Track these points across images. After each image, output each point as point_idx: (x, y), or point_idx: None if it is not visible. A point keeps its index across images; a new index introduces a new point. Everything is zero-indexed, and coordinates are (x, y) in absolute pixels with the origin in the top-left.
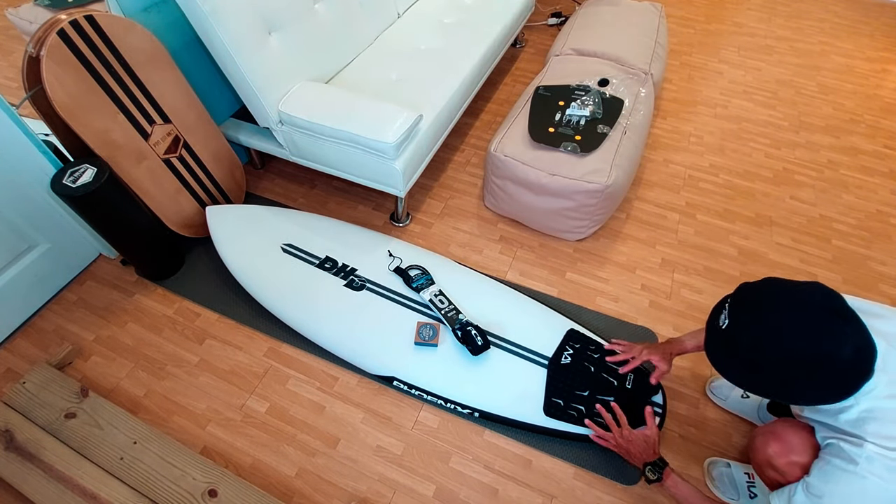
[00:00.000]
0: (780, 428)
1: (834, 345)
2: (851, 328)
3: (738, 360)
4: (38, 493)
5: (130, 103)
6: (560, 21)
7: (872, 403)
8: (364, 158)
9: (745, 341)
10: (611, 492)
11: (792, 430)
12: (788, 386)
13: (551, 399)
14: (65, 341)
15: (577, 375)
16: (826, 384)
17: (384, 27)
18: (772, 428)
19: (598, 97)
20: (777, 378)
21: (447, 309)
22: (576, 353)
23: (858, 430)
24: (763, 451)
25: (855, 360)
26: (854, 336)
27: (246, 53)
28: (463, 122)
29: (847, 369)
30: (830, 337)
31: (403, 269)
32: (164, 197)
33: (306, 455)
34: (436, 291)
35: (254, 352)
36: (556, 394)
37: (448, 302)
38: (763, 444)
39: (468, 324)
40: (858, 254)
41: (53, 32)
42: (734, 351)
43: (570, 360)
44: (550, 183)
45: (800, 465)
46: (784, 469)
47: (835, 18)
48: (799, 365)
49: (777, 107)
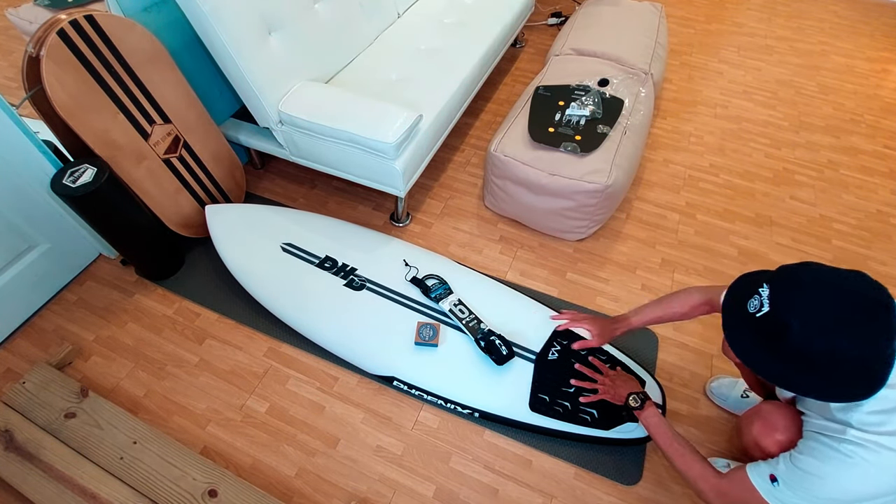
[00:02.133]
0: (764, 409)
1: (885, 345)
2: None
3: (774, 347)
4: (38, 492)
5: (130, 103)
6: (560, 21)
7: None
8: (364, 158)
9: (794, 331)
10: (611, 492)
11: (777, 411)
12: (825, 380)
13: (537, 395)
14: (65, 341)
15: (564, 371)
16: (860, 383)
17: (384, 27)
18: (756, 409)
19: (598, 97)
20: (816, 372)
21: (468, 318)
22: (563, 350)
23: (845, 416)
24: (748, 431)
25: (890, 358)
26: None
27: (246, 53)
28: (463, 122)
29: (884, 369)
30: (885, 337)
31: (420, 279)
32: (164, 197)
33: (306, 455)
34: (455, 301)
35: (254, 352)
36: (543, 389)
37: (468, 311)
38: (748, 424)
39: (491, 333)
40: (858, 254)
41: (53, 32)
42: (773, 338)
43: (557, 357)
44: (550, 183)
45: (784, 444)
46: (769, 448)
47: (835, 18)
48: (843, 362)
49: (777, 107)
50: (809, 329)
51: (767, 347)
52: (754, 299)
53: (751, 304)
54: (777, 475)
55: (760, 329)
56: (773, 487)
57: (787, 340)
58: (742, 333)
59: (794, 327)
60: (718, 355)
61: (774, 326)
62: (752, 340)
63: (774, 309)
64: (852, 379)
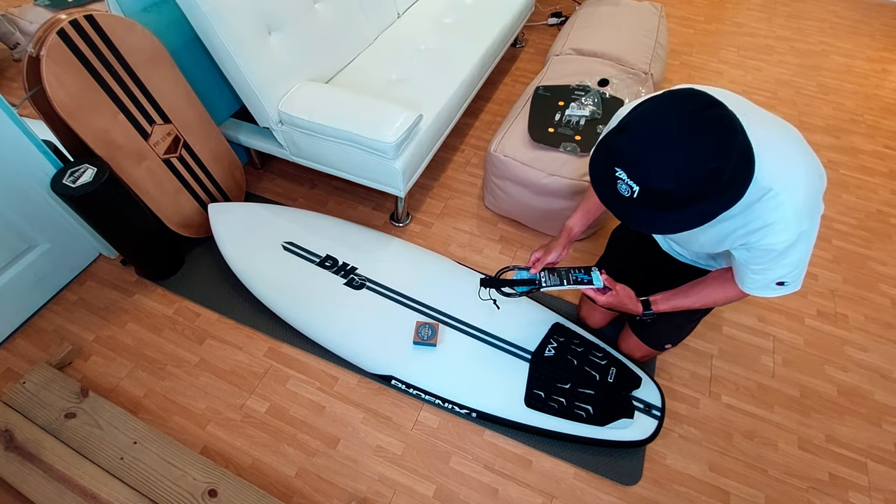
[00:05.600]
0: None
1: (736, 129)
2: (723, 117)
3: (666, 206)
4: (38, 492)
5: (130, 103)
6: (560, 21)
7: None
8: (364, 158)
9: (670, 187)
10: (611, 492)
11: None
12: (724, 191)
13: (532, 391)
14: (65, 341)
15: (560, 368)
16: (746, 169)
17: (384, 27)
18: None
19: (597, 97)
20: (714, 194)
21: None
22: (560, 347)
23: (753, 195)
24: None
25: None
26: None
27: (246, 53)
28: (463, 122)
29: (749, 148)
30: (731, 126)
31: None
32: (164, 197)
33: (306, 455)
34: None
35: (254, 352)
36: (538, 385)
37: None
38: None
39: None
40: (858, 254)
41: (53, 32)
42: (661, 201)
43: (553, 353)
44: (550, 183)
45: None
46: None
47: (835, 18)
48: (724, 170)
49: (777, 107)
50: (681, 177)
51: (664, 209)
52: (619, 185)
53: (621, 190)
54: (779, 280)
55: (646, 203)
56: (784, 286)
57: (671, 196)
58: (637, 216)
59: (667, 185)
60: (718, 355)
61: (652, 194)
62: (650, 214)
63: (641, 183)
64: (741, 173)
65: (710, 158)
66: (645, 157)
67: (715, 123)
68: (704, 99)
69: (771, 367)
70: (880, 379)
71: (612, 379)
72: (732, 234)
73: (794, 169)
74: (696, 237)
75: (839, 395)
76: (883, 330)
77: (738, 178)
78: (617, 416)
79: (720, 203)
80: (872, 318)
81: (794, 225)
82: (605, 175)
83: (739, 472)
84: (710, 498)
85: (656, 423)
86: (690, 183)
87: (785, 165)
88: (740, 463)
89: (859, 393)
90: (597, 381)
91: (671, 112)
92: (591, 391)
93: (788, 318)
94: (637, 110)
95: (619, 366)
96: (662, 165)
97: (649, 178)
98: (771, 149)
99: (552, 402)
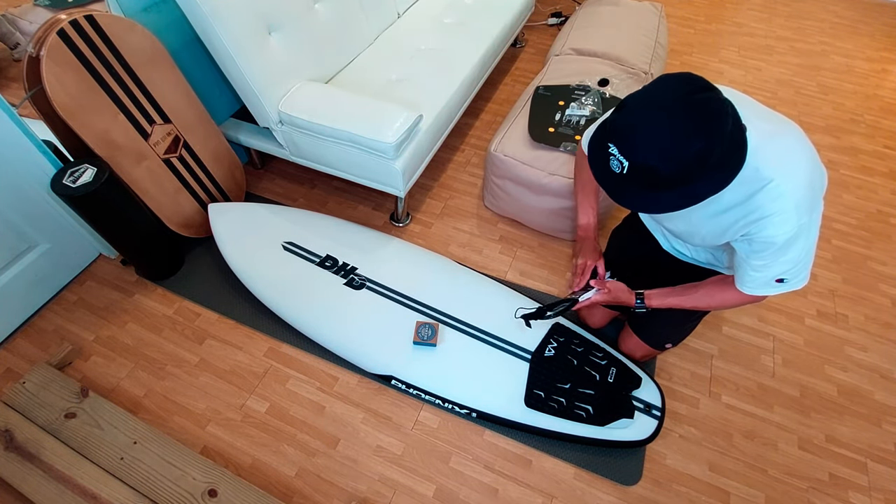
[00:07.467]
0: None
1: (730, 114)
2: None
3: (655, 184)
4: (38, 492)
5: (130, 103)
6: (560, 21)
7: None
8: (364, 158)
9: (658, 166)
10: (611, 492)
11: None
12: (713, 174)
13: (532, 391)
14: (65, 341)
15: (560, 368)
16: (738, 153)
17: (384, 27)
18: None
19: (597, 97)
20: (702, 175)
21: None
22: (560, 347)
23: (748, 181)
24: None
25: (739, 120)
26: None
27: (246, 53)
28: (463, 122)
29: (742, 133)
30: (723, 110)
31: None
32: (164, 197)
33: (306, 455)
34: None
35: (254, 352)
36: (538, 385)
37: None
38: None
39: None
40: (858, 254)
41: (53, 32)
42: (650, 178)
43: (553, 353)
44: (550, 183)
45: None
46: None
47: (835, 18)
48: (713, 151)
49: (777, 107)
50: (665, 155)
51: (652, 187)
52: (611, 161)
53: (612, 166)
54: (779, 277)
55: (634, 179)
56: (784, 283)
57: (657, 173)
58: (625, 192)
59: (653, 162)
60: (718, 355)
61: (640, 171)
62: (639, 192)
63: (629, 159)
64: (730, 157)
65: (696, 139)
66: (634, 134)
67: (705, 106)
68: (700, 83)
69: (771, 367)
70: (880, 379)
71: (612, 379)
72: (734, 225)
73: (796, 161)
74: (698, 229)
75: (839, 395)
76: (883, 330)
77: (727, 162)
78: (617, 416)
79: (707, 185)
80: (872, 318)
81: (794, 217)
82: (600, 151)
83: (739, 473)
84: (710, 498)
85: (656, 423)
86: (675, 161)
87: (787, 157)
88: (740, 463)
89: (859, 393)
90: (597, 381)
91: (667, 93)
92: (591, 391)
93: (788, 318)
94: (639, 91)
95: (619, 366)
96: (649, 142)
97: (637, 153)
98: (774, 141)
99: (552, 402)
